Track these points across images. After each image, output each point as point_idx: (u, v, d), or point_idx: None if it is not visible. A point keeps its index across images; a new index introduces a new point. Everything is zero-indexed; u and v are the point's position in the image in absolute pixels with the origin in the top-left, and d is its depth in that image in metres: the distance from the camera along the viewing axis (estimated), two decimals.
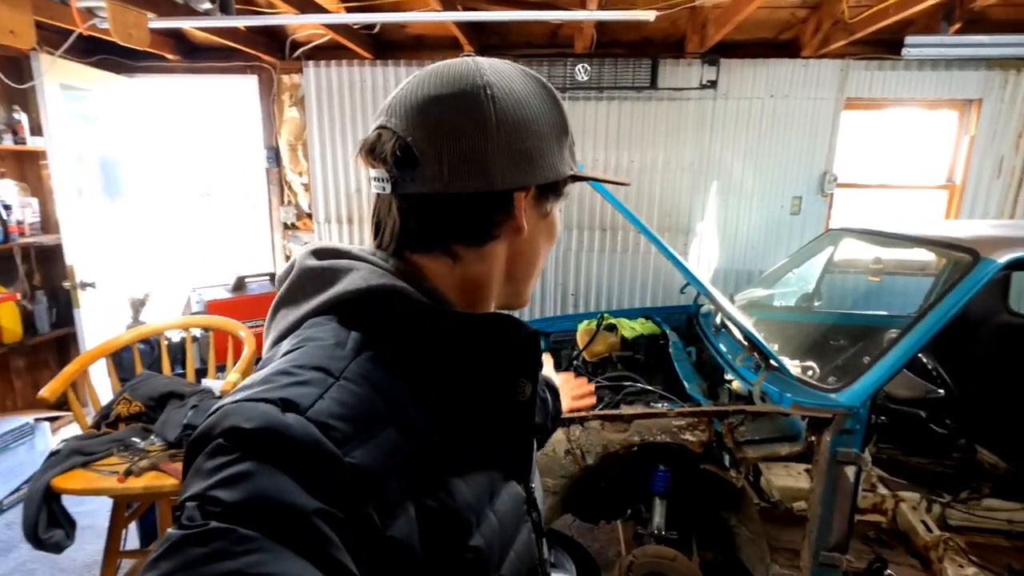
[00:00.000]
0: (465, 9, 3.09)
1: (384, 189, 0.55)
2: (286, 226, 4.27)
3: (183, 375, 2.23)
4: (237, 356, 2.15)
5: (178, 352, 2.44)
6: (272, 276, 2.86)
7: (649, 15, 2.54)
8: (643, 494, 2.11)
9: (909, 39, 3.24)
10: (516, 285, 0.62)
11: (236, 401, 0.43)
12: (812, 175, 3.76)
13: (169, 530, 0.38)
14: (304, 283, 0.56)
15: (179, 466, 1.75)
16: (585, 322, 3.29)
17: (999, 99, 3.56)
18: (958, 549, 2.24)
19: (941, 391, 2.18)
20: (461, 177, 0.52)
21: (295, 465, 0.40)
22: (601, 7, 2.86)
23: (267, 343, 0.56)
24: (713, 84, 3.60)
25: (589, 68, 3.56)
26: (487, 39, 3.79)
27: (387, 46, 3.90)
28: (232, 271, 3.49)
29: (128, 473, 1.68)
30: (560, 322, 3.48)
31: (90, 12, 2.53)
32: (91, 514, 2.51)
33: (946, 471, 2.78)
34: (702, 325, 2.88)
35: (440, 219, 0.54)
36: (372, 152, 0.55)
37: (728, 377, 2.33)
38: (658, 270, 4.01)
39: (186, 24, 2.81)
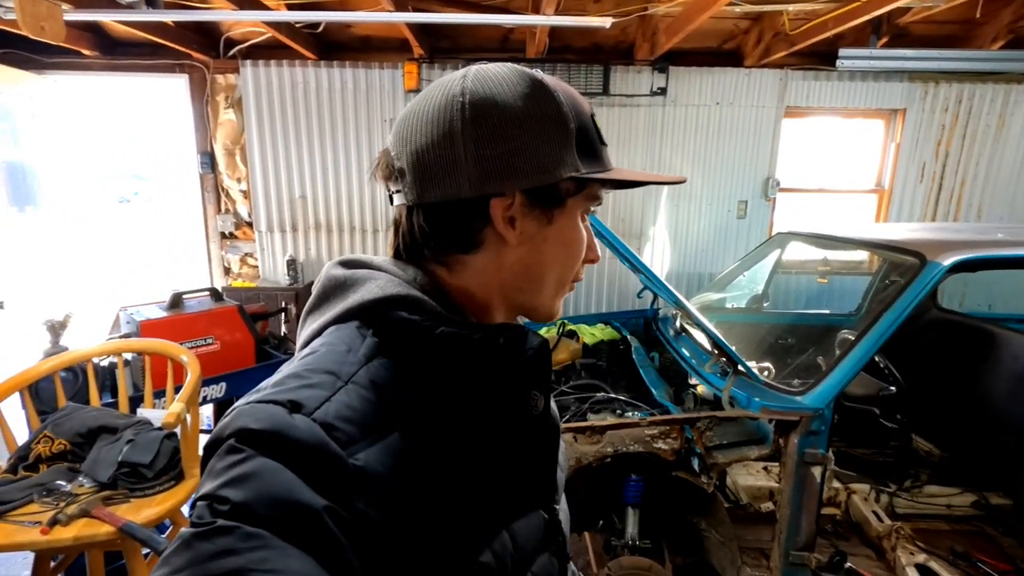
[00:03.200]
0: (416, 10, 2.99)
1: (392, 202, 0.59)
2: (224, 236, 4.01)
3: (114, 405, 2.01)
4: (179, 381, 1.96)
5: (107, 379, 2.21)
6: (213, 291, 2.65)
7: (606, 22, 2.54)
8: (615, 504, 2.09)
9: (843, 51, 3.42)
10: (524, 296, 0.58)
11: (248, 403, 0.45)
12: (756, 180, 3.90)
13: (182, 529, 0.39)
14: (329, 292, 0.57)
15: (115, 510, 1.56)
16: (544, 329, 3.26)
17: (920, 109, 3.83)
18: (907, 537, 2.36)
19: (893, 388, 2.29)
20: (428, 188, 0.53)
21: (301, 464, 0.41)
22: (556, 13, 2.84)
23: (297, 349, 0.58)
24: (663, 91, 3.67)
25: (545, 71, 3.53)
26: (437, 42, 3.71)
27: (332, 47, 3.74)
28: (165, 286, 3.22)
29: (54, 522, 1.48)
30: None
31: None
32: (8, 570, 2.22)
33: (887, 460, 2.94)
34: (661, 329, 2.91)
35: (423, 229, 0.56)
36: (377, 167, 0.58)
37: (693, 381, 2.35)
38: (613, 275, 4.04)
39: (107, 17, 2.57)
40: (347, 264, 0.58)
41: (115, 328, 2.54)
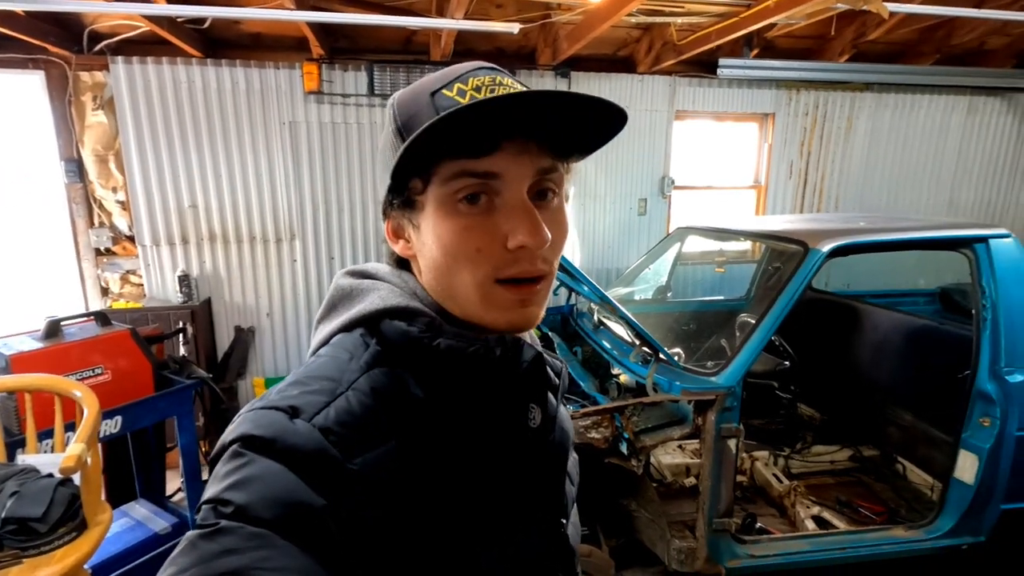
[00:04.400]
0: (315, 9, 2.87)
1: None
2: (99, 252, 3.57)
3: None
4: (68, 418, 1.73)
5: None
6: (99, 315, 2.36)
7: (513, 27, 2.60)
8: None
9: (722, 61, 3.77)
10: (456, 305, 0.54)
11: (251, 410, 0.46)
12: (654, 179, 4.18)
13: (187, 532, 0.41)
14: (336, 301, 0.59)
15: (4, 575, 1.36)
16: None
17: (787, 113, 4.31)
18: (803, 493, 2.67)
19: (787, 363, 2.57)
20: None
21: (301, 467, 0.42)
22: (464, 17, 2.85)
23: (308, 354, 0.59)
24: None
25: None
26: (336, 42, 3.57)
27: (218, 43, 3.47)
28: (30, 313, 2.81)
29: None
30: None
31: None
32: None
33: (779, 428, 3.29)
34: (580, 324, 3.03)
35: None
36: None
37: (615, 371, 2.48)
38: None
39: None
40: (354, 274, 0.60)
41: None
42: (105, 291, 3.64)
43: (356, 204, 3.80)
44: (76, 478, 1.59)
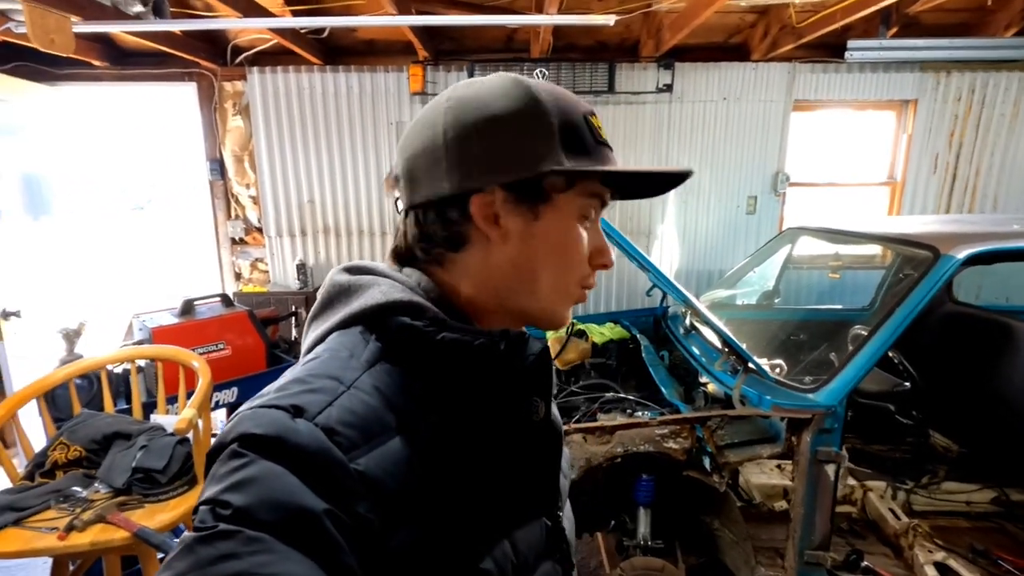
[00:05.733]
0: (419, 13, 3.00)
1: (398, 209, 0.61)
2: (234, 241, 4.04)
3: (128, 411, 2.04)
4: (190, 387, 1.98)
5: (121, 386, 2.23)
6: (224, 297, 2.67)
7: (609, 19, 2.53)
8: (626, 504, 2.08)
9: (851, 43, 3.38)
10: (519, 299, 0.57)
11: (251, 408, 0.45)
12: (766, 175, 3.86)
13: (184, 534, 0.40)
14: (333, 297, 0.58)
15: (129, 515, 1.58)
16: (553, 332, 3.25)
17: (932, 99, 3.76)
18: (925, 534, 2.32)
19: (907, 384, 2.25)
20: (416, 190, 0.56)
21: (303, 469, 0.41)
22: (560, 12, 2.83)
23: (301, 354, 0.58)
24: (669, 88, 3.64)
25: (547, 73, 3.53)
26: (440, 44, 3.71)
27: (337, 51, 3.76)
28: (177, 293, 3.26)
29: (70, 528, 1.50)
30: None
31: (3, 15, 2.29)
32: (28, 575, 2.26)
33: (904, 457, 2.89)
34: (671, 327, 2.89)
35: (414, 230, 0.58)
36: (387, 179, 0.64)
37: (703, 380, 2.34)
38: (621, 272, 4.03)
39: (115, 28, 2.60)
40: (351, 270, 0.59)
41: (128, 335, 2.58)
42: (238, 276, 4.12)
43: None
44: (191, 438, 1.82)
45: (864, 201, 4.08)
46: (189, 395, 2.02)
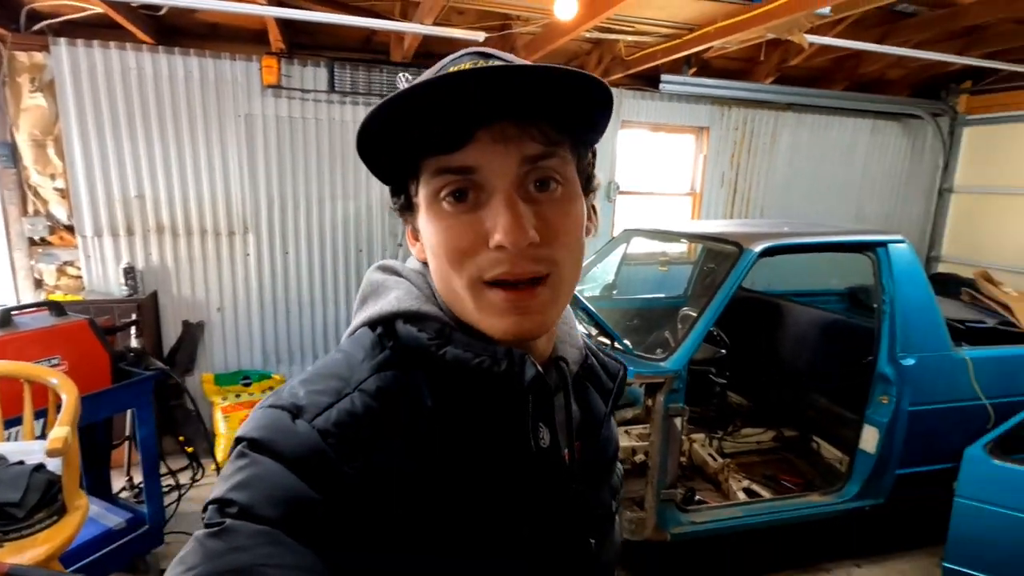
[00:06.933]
0: (281, 5, 2.89)
1: None
2: (33, 242, 3.39)
3: None
4: (39, 405, 1.71)
5: None
6: (53, 305, 2.29)
7: (479, 35, 2.75)
8: None
9: (664, 77, 4.08)
10: (461, 313, 0.53)
11: (262, 407, 0.48)
12: (601, 184, 4.43)
13: (195, 532, 0.43)
14: (367, 295, 0.59)
15: None
16: None
17: (720, 127, 4.70)
18: (735, 469, 2.97)
19: (724, 351, 2.86)
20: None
21: (300, 468, 0.44)
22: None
23: (344, 338, 0.60)
24: None
25: (411, 78, 3.62)
26: (296, 36, 3.57)
27: (173, 31, 3.39)
28: None
29: None
30: None
31: None
32: None
33: (713, 414, 3.62)
34: None
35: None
36: None
37: None
38: None
39: None
40: (384, 269, 0.61)
41: None
42: (39, 283, 3.46)
43: (313, 199, 3.81)
44: (51, 464, 1.59)
45: (673, 208, 4.92)
46: (38, 416, 1.74)
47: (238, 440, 0.46)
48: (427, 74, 0.49)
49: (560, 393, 0.58)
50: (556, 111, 0.47)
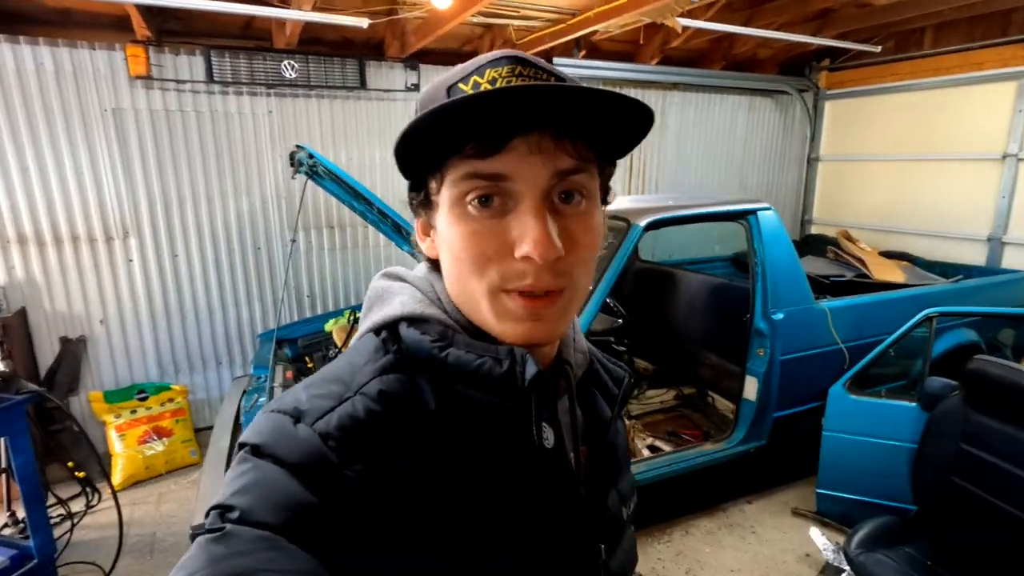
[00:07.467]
0: None
1: None
2: None
3: None
4: None
5: None
6: None
7: (363, 22, 2.70)
8: None
9: (556, 59, 4.19)
10: (472, 314, 0.54)
11: (264, 412, 0.49)
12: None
13: (198, 537, 0.43)
14: (372, 301, 0.60)
15: None
16: (333, 320, 3.32)
17: None
18: (640, 429, 3.20)
19: (620, 320, 3.04)
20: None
21: (300, 472, 0.44)
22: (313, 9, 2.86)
23: (352, 343, 0.61)
24: (416, 87, 3.96)
25: (296, 65, 3.49)
26: (164, 23, 3.32)
27: (15, 18, 3.04)
28: None
29: None
30: (303, 326, 3.42)
31: None
32: None
33: None
34: None
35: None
36: None
37: None
38: (389, 260, 4.24)
39: None
40: (388, 276, 0.61)
41: None
42: None
43: (200, 197, 3.59)
44: None
45: None
46: None
47: (241, 445, 0.47)
48: (464, 70, 0.49)
49: (565, 396, 0.59)
50: (596, 130, 0.48)
